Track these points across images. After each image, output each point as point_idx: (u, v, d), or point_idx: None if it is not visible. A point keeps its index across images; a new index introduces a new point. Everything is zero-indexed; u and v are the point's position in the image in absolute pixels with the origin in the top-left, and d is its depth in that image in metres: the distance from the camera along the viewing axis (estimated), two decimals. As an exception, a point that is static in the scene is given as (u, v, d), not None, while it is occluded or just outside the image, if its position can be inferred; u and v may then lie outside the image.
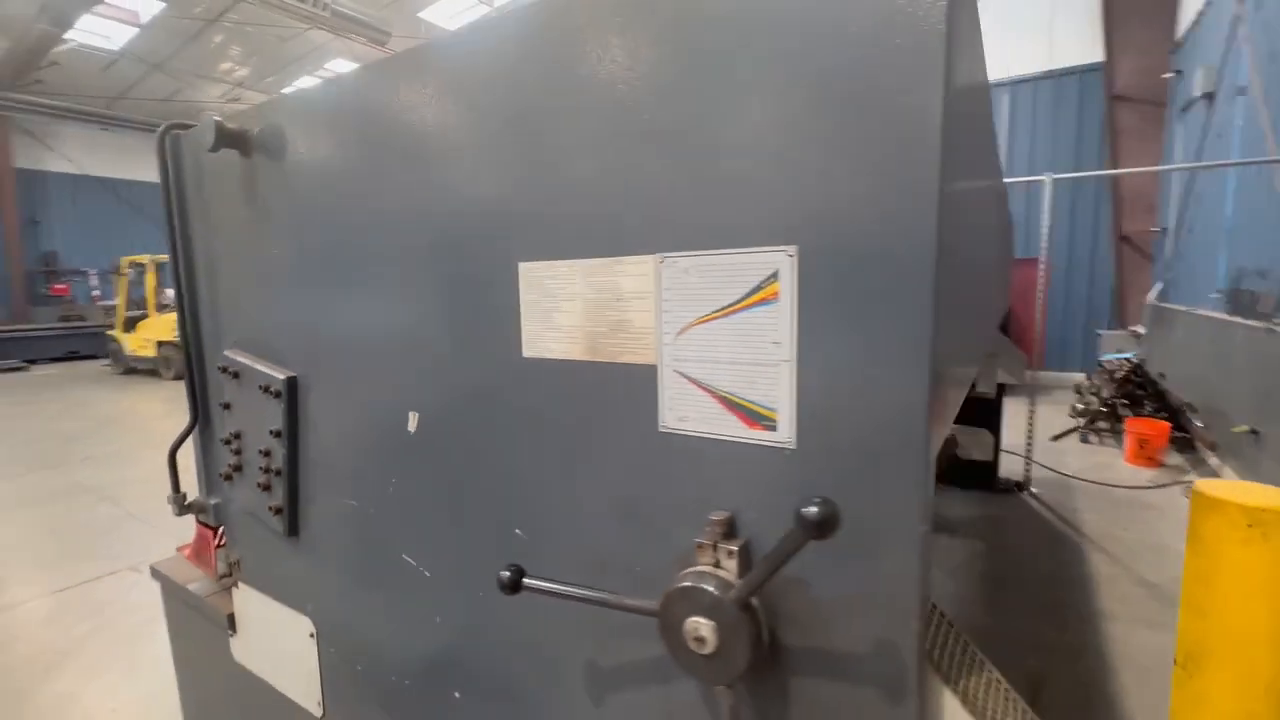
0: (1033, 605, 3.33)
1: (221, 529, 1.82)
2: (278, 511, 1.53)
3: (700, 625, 0.79)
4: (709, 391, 0.84)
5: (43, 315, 15.08)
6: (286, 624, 1.64)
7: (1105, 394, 6.32)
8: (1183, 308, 6.44)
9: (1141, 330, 8.63)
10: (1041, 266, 5.11)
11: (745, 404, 0.82)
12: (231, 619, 1.83)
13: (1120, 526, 4.38)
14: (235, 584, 1.80)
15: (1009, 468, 5.30)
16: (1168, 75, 9.20)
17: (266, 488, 1.55)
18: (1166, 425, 5.63)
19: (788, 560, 0.70)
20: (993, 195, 1.93)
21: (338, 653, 1.52)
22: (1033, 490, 5.06)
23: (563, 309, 0.97)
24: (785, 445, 0.79)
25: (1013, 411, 5.56)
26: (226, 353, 1.61)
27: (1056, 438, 6.57)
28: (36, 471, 6.11)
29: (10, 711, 2.64)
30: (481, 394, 1.11)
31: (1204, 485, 1.28)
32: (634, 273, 0.89)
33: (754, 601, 0.79)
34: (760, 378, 0.80)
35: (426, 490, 1.24)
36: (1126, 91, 9.51)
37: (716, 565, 0.82)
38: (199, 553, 1.95)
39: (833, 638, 0.79)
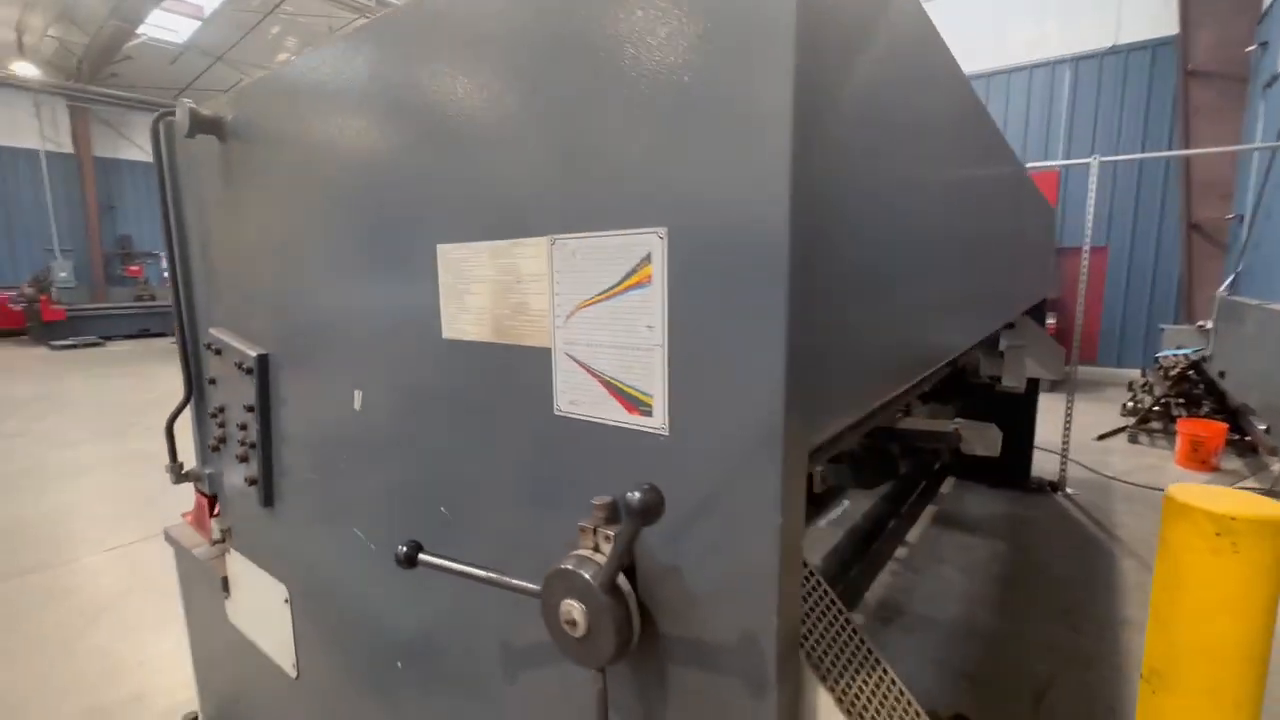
0: (1049, 608, 3.19)
1: (216, 497, 1.93)
2: (253, 482, 1.60)
3: (573, 608, 0.79)
4: (595, 376, 0.84)
5: (118, 295, 16.14)
6: (267, 589, 1.72)
7: (1158, 392, 5.93)
8: (1255, 301, 5.95)
9: (1209, 325, 8.05)
10: (1085, 255, 4.81)
11: (625, 388, 0.81)
12: (225, 582, 1.94)
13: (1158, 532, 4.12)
14: (228, 549, 1.91)
15: (1046, 467, 5.06)
16: (1250, 48, 8.45)
17: (244, 459, 1.63)
18: (1223, 427, 5.25)
19: (629, 546, 0.69)
20: (986, 183, 1.83)
21: (308, 618, 1.60)
22: (1068, 491, 4.82)
23: (473, 291, 0.98)
24: (659, 431, 0.78)
25: (1051, 408, 5.31)
26: (212, 330, 1.69)
27: (1102, 437, 6.22)
28: (102, 440, 6.58)
29: (56, 659, 2.87)
30: (411, 373, 1.14)
31: (1177, 490, 1.19)
32: (530, 255, 0.89)
33: (624, 587, 0.78)
34: (637, 362, 0.79)
35: (368, 467, 1.28)
36: (1203, 66, 8.80)
37: (595, 549, 0.82)
38: (198, 519, 2.07)
39: (704, 628, 0.78)
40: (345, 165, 1.19)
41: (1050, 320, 8.17)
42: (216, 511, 1.95)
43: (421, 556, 0.93)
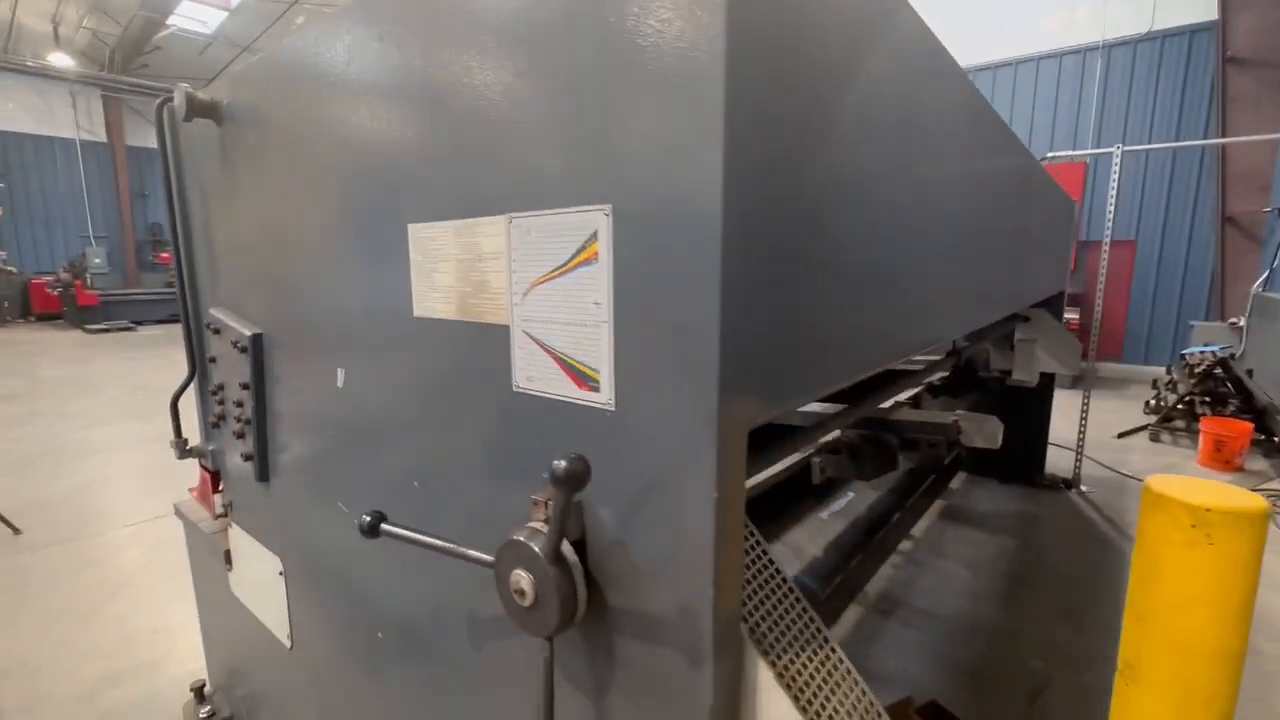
0: (1053, 607, 3.14)
1: (219, 473, 1.99)
2: (249, 458, 1.66)
3: (521, 578, 0.81)
4: (549, 352, 0.85)
5: (149, 281, 16.60)
6: (264, 562, 1.78)
7: (1182, 390, 5.77)
8: (1288, 297, 5.76)
9: (1241, 323, 7.80)
10: (1105, 249, 4.68)
11: (576, 364, 0.82)
12: (228, 555, 2.01)
13: (1175, 532, 4.03)
14: (230, 524, 1.97)
15: (1061, 464, 4.97)
16: (1294, 33, 8.12)
17: (241, 436, 1.68)
18: (1248, 426, 5.09)
19: (562, 515, 0.71)
20: (981, 172, 1.80)
21: (300, 590, 1.65)
22: (1082, 489, 4.73)
23: (440, 269, 1.00)
24: (606, 407, 0.79)
25: (1072, 405, 5.20)
26: (212, 310, 1.75)
27: (1123, 435, 6.08)
28: (131, 419, 6.80)
29: (77, 627, 3.00)
30: (386, 351, 1.16)
31: (1155, 480, 1.18)
32: (490, 233, 0.91)
33: (570, 559, 0.80)
34: (586, 339, 0.80)
35: (350, 443, 1.31)
36: (1242, 53, 8.47)
37: (546, 522, 0.84)
38: (203, 494, 2.14)
39: (648, 600, 0.79)
40: (326, 147, 1.22)
41: (1072, 315, 7.99)
42: (220, 487, 2.02)
43: (384, 527, 0.96)
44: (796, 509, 3.12)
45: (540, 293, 0.85)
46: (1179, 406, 5.78)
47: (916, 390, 4.27)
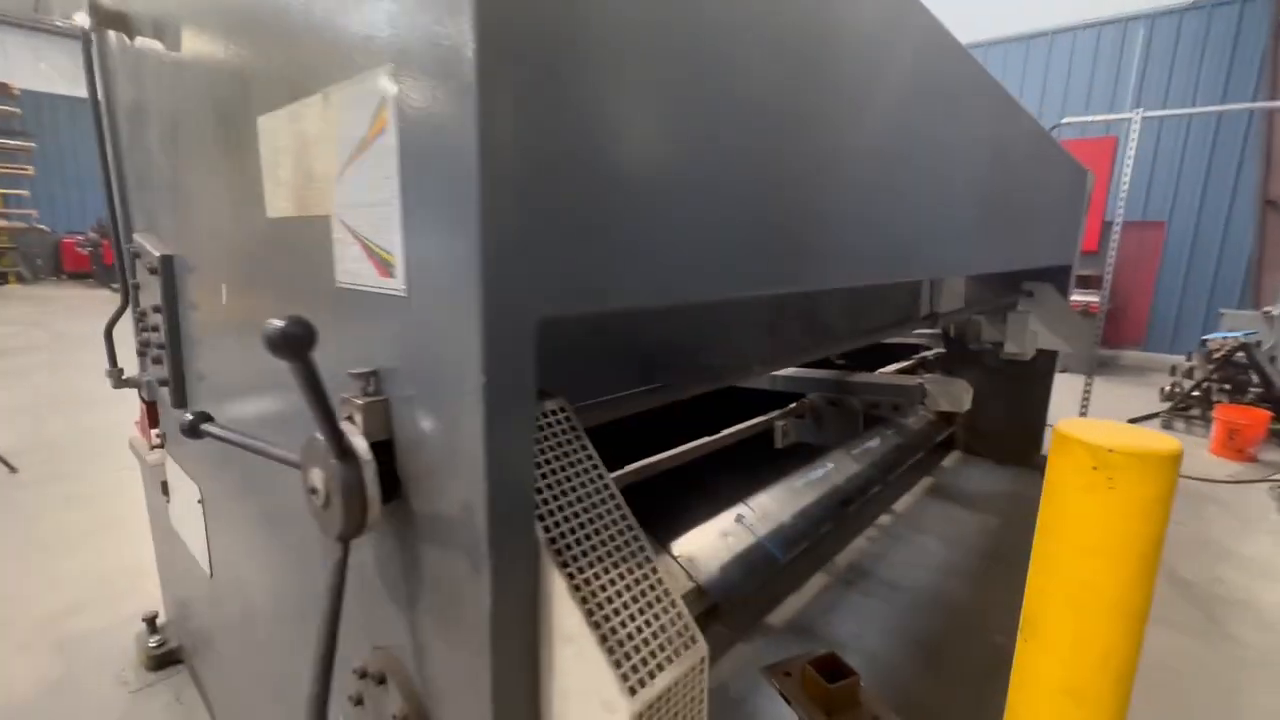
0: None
1: (155, 403, 2.00)
2: (164, 384, 1.64)
3: (314, 475, 0.77)
4: (358, 239, 0.80)
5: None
6: (188, 491, 1.78)
7: (1199, 375, 5.51)
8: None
9: (1276, 311, 7.41)
10: (1116, 229, 4.44)
11: (377, 249, 0.76)
12: (164, 486, 2.02)
13: (1173, 519, 3.87)
14: (166, 454, 1.98)
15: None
16: (1356, 2, 7.56)
17: (158, 361, 1.66)
18: (1266, 415, 4.85)
19: (315, 393, 0.66)
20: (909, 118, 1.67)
21: (215, 517, 1.64)
22: (1080, 472, 4.55)
23: (281, 163, 0.95)
24: (399, 292, 0.73)
25: (1075, 387, 5.01)
26: (135, 235, 1.72)
27: (1133, 421, 5.85)
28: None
29: (54, 558, 3.09)
30: (249, 259, 1.12)
31: (1066, 423, 1.09)
32: (312, 115, 0.85)
33: (363, 455, 0.75)
34: (382, 221, 0.74)
35: (232, 359, 1.28)
36: (1297, 24, 7.92)
37: (350, 420, 0.79)
38: (143, 426, 2.15)
39: (440, 500, 0.74)
40: (203, 48, 1.17)
41: (1092, 298, 7.67)
42: (158, 418, 2.02)
43: (204, 427, 0.92)
44: (761, 473, 3.05)
45: (350, 175, 0.79)
46: (1194, 393, 5.52)
47: (906, 364, 4.14)
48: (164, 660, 2.34)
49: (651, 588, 0.79)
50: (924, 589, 3.01)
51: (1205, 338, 6.15)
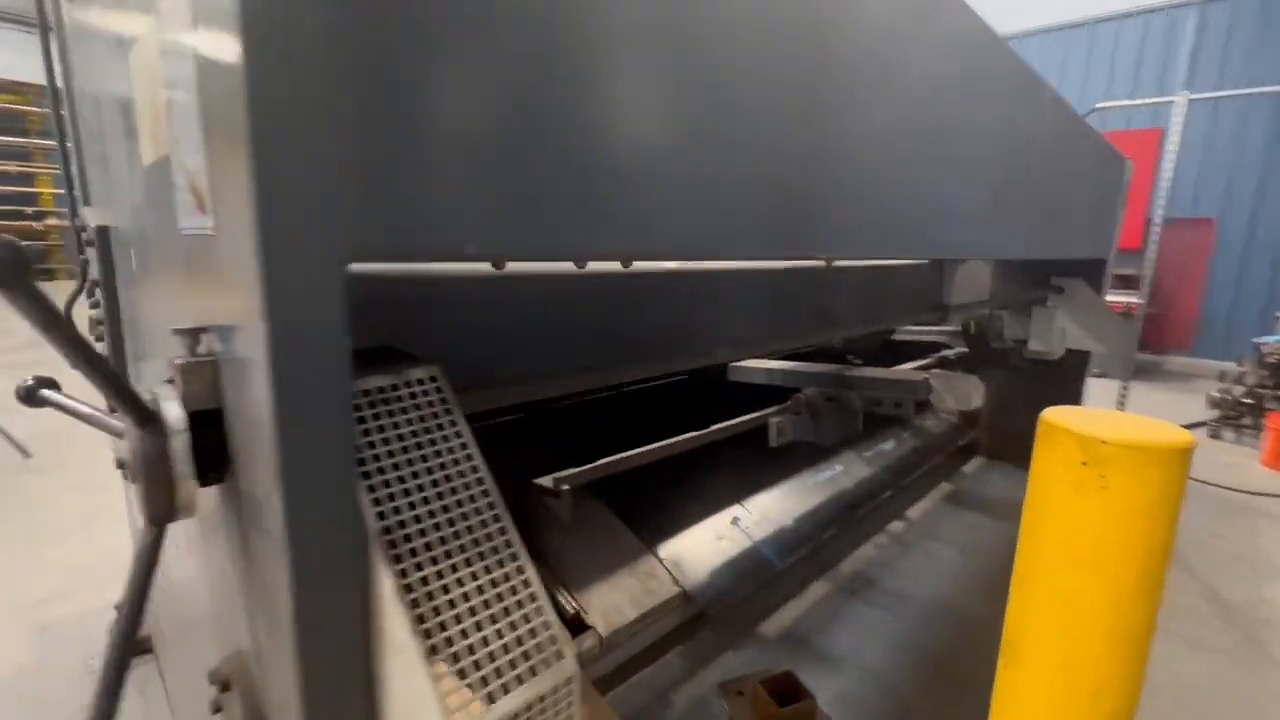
0: (1048, 601, 2.80)
1: (115, 386, 1.94)
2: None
3: (120, 446, 0.66)
4: (180, 170, 0.69)
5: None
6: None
7: (1250, 381, 5.12)
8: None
9: (1340, 314, 6.89)
10: (1156, 224, 4.13)
11: (194, 183, 0.65)
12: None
13: (1215, 534, 3.57)
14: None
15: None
16: None
17: (100, 339, 1.60)
18: (1325, 424, 4.46)
19: (60, 331, 0.55)
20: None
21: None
22: (1115, 481, 4.25)
23: (143, 99, 0.85)
24: (210, 231, 0.62)
25: (1112, 391, 4.70)
26: (83, 209, 1.67)
27: (1177, 429, 5.46)
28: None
29: (50, 543, 3.11)
30: (139, 216, 1.03)
31: (1054, 412, 0.92)
32: (149, 38, 0.74)
33: (174, 425, 0.64)
34: (192, 146, 0.63)
35: (146, 331, 1.20)
36: (1366, 5, 7.37)
37: (170, 381, 0.68)
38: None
39: (251, 483, 0.62)
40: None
41: (1133, 299, 7.23)
42: (119, 401, 1.97)
43: (44, 393, 0.83)
44: (763, 473, 2.89)
45: (179, 105, 0.68)
46: (1245, 400, 5.13)
47: (924, 363, 3.91)
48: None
49: (513, 591, 0.65)
50: (936, 600, 2.81)
51: (1258, 340, 5.72)
